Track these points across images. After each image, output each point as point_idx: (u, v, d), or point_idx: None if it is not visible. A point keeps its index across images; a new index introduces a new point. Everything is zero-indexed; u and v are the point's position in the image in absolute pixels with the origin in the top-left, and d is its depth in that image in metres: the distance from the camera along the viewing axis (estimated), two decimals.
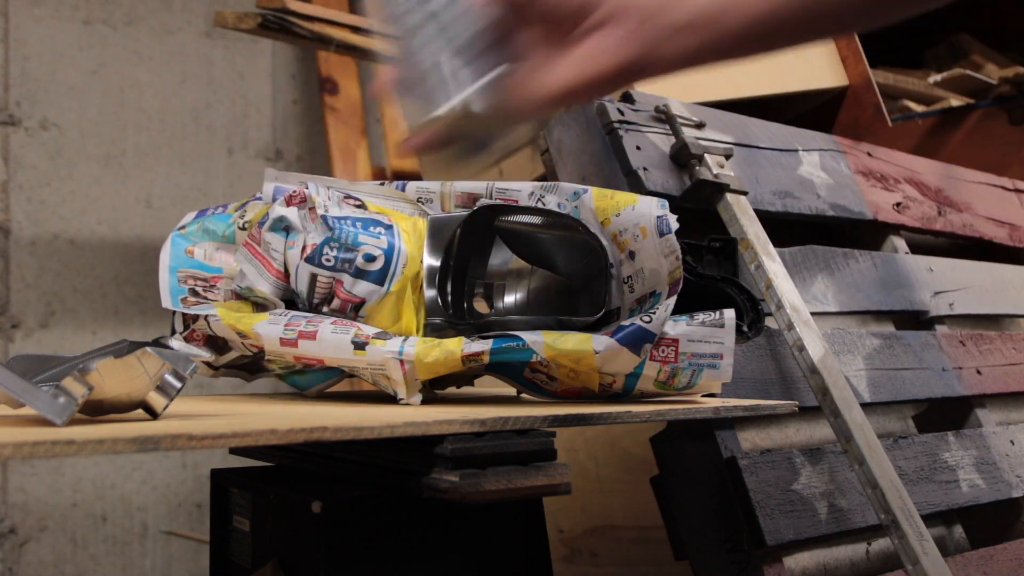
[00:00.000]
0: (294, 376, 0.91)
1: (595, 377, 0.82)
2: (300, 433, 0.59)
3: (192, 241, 0.94)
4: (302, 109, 2.44)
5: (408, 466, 0.81)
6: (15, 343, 2.04)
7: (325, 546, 0.79)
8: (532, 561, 0.88)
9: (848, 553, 1.09)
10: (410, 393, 0.81)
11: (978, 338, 1.33)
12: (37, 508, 2.04)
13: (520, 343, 0.80)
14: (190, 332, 0.91)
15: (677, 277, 0.84)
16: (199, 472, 2.21)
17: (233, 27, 1.85)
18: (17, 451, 0.49)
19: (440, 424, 0.67)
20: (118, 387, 0.62)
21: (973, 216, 1.50)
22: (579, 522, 1.31)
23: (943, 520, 1.21)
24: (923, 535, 0.97)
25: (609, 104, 1.12)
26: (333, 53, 2.03)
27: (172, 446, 0.53)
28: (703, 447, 1.01)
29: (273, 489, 0.88)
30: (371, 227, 0.86)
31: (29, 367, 0.71)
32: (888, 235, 1.36)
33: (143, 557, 2.14)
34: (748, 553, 0.97)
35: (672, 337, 0.82)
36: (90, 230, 2.14)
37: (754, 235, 1.08)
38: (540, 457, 0.82)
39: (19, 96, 2.08)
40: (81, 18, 2.15)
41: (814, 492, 1.03)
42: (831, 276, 1.20)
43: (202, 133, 2.28)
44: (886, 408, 1.24)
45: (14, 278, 2.05)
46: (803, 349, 1.02)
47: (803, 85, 1.48)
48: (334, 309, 0.86)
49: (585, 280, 0.91)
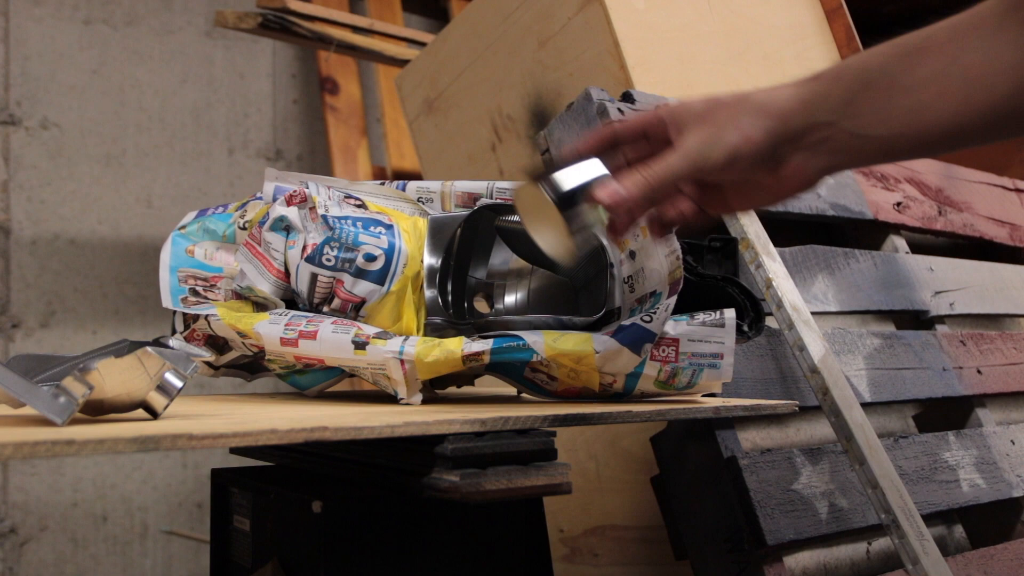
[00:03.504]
0: (294, 376, 0.91)
1: (595, 377, 0.82)
2: (300, 433, 0.59)
3: (192, 241, 0.94)
4: (302, 109, 2.44)
5: (408, 466, 0.81)
6: (15, 343, 2.04)
7: (325, 546, 0.79)
8: (532, 561, 0.88)
9: (848, 553, 1.09)
10: (410, 393, 0.81)
11: (978, 338, 1.33)
12: (37, 508, 2.04)
13: (521, 343, 0.80)
14: (190, 332, 0.91)
15: (677, 277, 0.84)
16: (199, 472, 2.21)
17: (233, 27, 1.85)
18: (17, 451, 0.49)
19: (440, 424, 0.67)
20: (118, 387, 0.62)
21: (973, 216, 1.50)
22: (579, 522, 1.31)
23: (943, 520, 1.21)
24: (923, 535, 0.97)
25: (609, 104, 1.12)
26: (333, 53, 2.03)
27: (172, 446, 0.54)
28: (703, 447, 1.01)
29: (273, 489, 0.88)
30: (371, 227, 0.86)
31: (29, 367, 0.71)
32: (888, 235, 1.36)
33: (143, 557, 2.14)
34: (748, 553, 0.97)
35: (672, 337, 0.82)
36: (90, 230, 2.14)
37: (754, 234, 1.08)
38: (540, 457, 0.82)
39: (19, 96, 2.08)
40: (81, 18, 2.15)
41: (814, 492, 1.03)
42: (831, 276, 1.20)
43: (202, 133, 2.28)
44: (886, 408, 1.24)
45: (14, 278, 2.05)
46: (803, 349, 1.02)
47: None
48: (334, 309, 0.86)
49: (586, 280, 0.91)
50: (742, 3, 1.45)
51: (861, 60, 0.68)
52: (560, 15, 1.34)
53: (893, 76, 0.65)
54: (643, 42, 1.30)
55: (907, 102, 0.65)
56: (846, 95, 0.67)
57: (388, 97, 2.37)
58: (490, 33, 1.46)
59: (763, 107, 0.70)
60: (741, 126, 0.69)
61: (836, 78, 0.68)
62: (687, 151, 0.71)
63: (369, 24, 2.04)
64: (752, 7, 1.46)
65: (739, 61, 1.41)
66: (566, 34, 1.34)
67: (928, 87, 0.64)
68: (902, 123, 0.66)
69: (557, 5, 1.34)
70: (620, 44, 1.27)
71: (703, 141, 0.70)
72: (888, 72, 0.65)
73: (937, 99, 0.64)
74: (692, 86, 1.33)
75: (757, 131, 0.69)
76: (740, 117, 0.70)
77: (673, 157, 0.71)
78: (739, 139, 0.69)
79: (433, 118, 1.60)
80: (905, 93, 0.65)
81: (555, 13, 1.35)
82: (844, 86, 0.68)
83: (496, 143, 1.48)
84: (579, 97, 1.13)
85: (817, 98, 0.69)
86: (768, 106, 0.70)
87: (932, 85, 0.64)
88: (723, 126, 0.70)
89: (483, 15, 1.47)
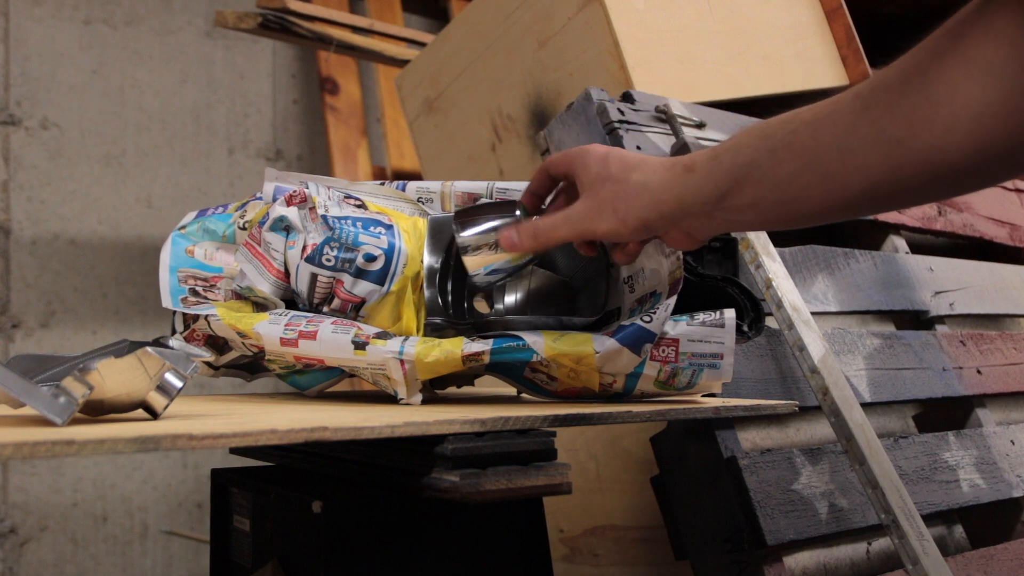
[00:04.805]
0: (294, 376, 0.91)
1: (595, 377, 0.82)
2: (300, 433, 0.59)
3: (192, 241, 0.93)
4: (302, 109, 2.44)
5: (408, 466, 0.81)
6: (15, 343, 2.04)
7: (325, 546, 0.79)
8: (532, 561, 0.88)
9: (848, 553, 1.09)
10: (410, 393, 0.81)
11: (978, 338, 1.33)
12: (37, 508, 2.04)
13: (520, 343, 0.80)
14: (190, 332, 0.91)
15: (677, 277, 0.84)
16: (199, 472, 2.21)
17: (233, 27, 1.85)
18: (17, 451, 0.49)
19: (440, 424, 0.67)
20: (118, 387, 0.62)
21: (973, 216, 1.50)
22: (579, 522, 1.31)
23: (943, 520, 1.21)
24: (923, 535, 0.97)
25: (609, 104, 1.12)
26: (333, 53, 2.03)
27: (172, 446, 0.54)
28: (703, 447, 1.01)
29: (273, 489, 0.88)
30: (371, 227, 0.86)
31: (29, 367, 0.71)
32: (888, 235, 1.36)
33: (143, 557, 2.14)
34: (748, 553, 0.97)
35: (672, 337, 0.82)
36: (90, 230, 2.14)
37: (754, 235, 1.08)
38: (540, 457, 0.82)
39: (19, 96, 2.08)
40: (81, 18, 2.15)
41: (814, 492, 1.03)
42: (831, 276, 1.20)
43: (202, 133, 2.28)
44: (886, 408, 1.24)
45: (14, 278, 2.05)
46: (803, 349, 1.02)
47: (803, 84, 1.48)
48: (334, 309, 0.86)
49: (585, 280, 0.91)
50: (742, 3, 1.45)
51: (732, 154, 0.71)
52: (560, 15, 1.34)
53: (762, 171, 0.69)
54: (643, 42, 1.30)
55: (774, 196, 0.69)
56: (718, 191, 0.72)
57: (388, 97, 2.38)
58: (490, 33, 1.46)
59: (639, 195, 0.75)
60: (618, 211, 0.76)
61: (709, 173, 0.72)
62: (574, 221, 0.79)
63: (369, 24, 2.04)
64: (752, 7, 1.46)
65: (739, 61, 1.41)
66: (566, 34, 1.34)
67: (793, 182, 0.68)
68: (772, 212, 0.71)
69: (557, 5, 1.34)
70: (620, 44, 1.27)
71: (586, 215, 0.78)
72: (757, 167, 0.69)
73: (801, 193, 0.68)
74: (692, 86, 1.33)
75: (631, 217, 0.75)
76: (617, 200, 0.76)
77: (563, 224, 0.79)
78: (616, 222, 0.76)
79: (433, 118, 1.60)
80: (772, 188, 0.69)
81: (555, 13, 1.35)
82: (716, 182, 0.72)
83: (496, 143, 1.48)
84: (579, 97, 1.13)
85: (690, 194, 0.73)
86: (643, 195, 0.75)
87: (796, 180, 0.68)
88: (603, 206, 0.77)
89: (483, 15, 1.47)
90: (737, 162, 0.71)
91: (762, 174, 0.69)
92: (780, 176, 0.68)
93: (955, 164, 0.61)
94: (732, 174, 0.71)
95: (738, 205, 0.71)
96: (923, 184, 0.63)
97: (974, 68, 0.59)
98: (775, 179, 0.69)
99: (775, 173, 0.69)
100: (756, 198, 0.70)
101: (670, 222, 0.75)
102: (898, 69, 0.63)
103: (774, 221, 0.72)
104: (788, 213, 0.70)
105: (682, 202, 0.73)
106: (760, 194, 0.70)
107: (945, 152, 0.61)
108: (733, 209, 0.72)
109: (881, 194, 0.65)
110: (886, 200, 0.67)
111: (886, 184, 0.64)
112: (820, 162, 0.66)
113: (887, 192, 0.65)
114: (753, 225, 0.74)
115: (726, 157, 0.72)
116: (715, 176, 0.72)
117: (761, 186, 0.69)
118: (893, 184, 0.64)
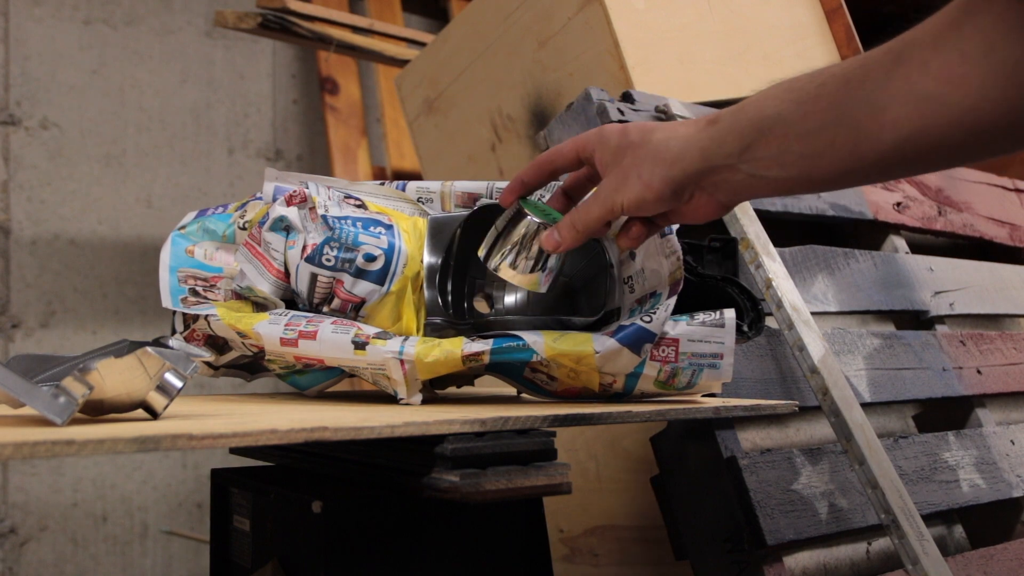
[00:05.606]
0: (294, 376, 0.91)
1: (595, 377, 0.83)
2: (300, 433, 0.59)
3: (192, 241, 0.94)
4: (302, 109, 2.44)
5: (408, 466, 0.81)
6: (15, 343, 2.04)
7: (325, 546, 0.79)
8: (532, 561, 0.88)
9: (848, 553, 1.09)
10: (410, 393, 0.81)
11: (978, 338, 1.33)
12: (37, 508, 2.04)
13: (520, 343, 0.80)
14: (190, 332, 0.91)
15: (678, 277, 0.84)
16: (199, 472, 2.21)
17: (233, 27, 1.85)
18: (17, 451, 0.49)
19: (440, 424, 0.67)
20: (118, 387, 0.62)
21: (973, 216, 1.50)
22: (579, 522, 1.31)
23: (943, 520, 1.21)
24: (923, 535, 0.97)
25: (609, 104, 1.12)
26: (333, 53, 2.03)
27: (172, 446, 0.54)
28: (703, 447, 1.01)
29: (273, 489, 0.88)
30: (371, 227, 0.86)
31: (29, 367, 0.71)
32: (888, 235, 1.36)
33: (143, 557, 2.14)
34: (748, 553, 0.97)
35: (672, 337, 0.82)
36: (90, 230, 2.14)
37: (754, 235, 1.08)
38: (540, 457, 0.82)
39: (19, 96, 2.08)
40: (81, 18, 2.15)
41: (814, 492, 1.03)
42: (831, 276, 1.20)
43: (202, 133, 2.28)
44: (886, 408, 1.24)
45: (14, 278, 2.05)
46: (803, 349, 1.02)
47: None
48: (334, 309, 0.86)
49: (585, 280, 0.91)
50: (742, 3, 1.45)
51: (758, 106, 0.70)
52: (560, 15, 1.34)
53: (788, 123, 0.68)
54: (643, 42, 1.30)
55: (800, 148, 0.68)
56: (742, 142, 0.70)
57: (388, 97, 2.38)
58: (490, 33, 1.46)
59: (661, 153, 0.74)
60: (642, 174, 0.74)
61: (732, 124, 0.71)
62: (603, 198, 0.77)
63: (369, 24, 2.04)
64: (752, 7, 1.46)
65: (739, 61, 1.41)
66: (566, 34, 1.34)
67: (820, 135, 0.67)
68: (797, 167, 0.69)
69: (557, 5, 1.34)
70: (620, 44, 1.27)
71: (613, 188, 0.76)
72: (783, 119, 0.68)
73: (828, 147, 0.67)
74: (692, 86, 1.33)
75: (656, 179, 0.74)
76: (642, 165, 0.75)
77: (593, 204, 0.78)
78: (641, 187, 0.74)
79: (433, 118, 1.60)
80: (798, 140, 0.68)
81: (555, 13, 1.35)
82: (740, 133, 0.71)
83: (496, 143, 1.48)
84: (579, 97, 1.13)
85: (714, 145, 0.72)
86: (666, 153, 0.74)
87: (824, 134, 0.67)
88: (628, 173, 0.75)
89: (483, 15, 1.47)
90: (763, 114, 0.69)
91: (788, 126, 0.68)
92: (807, 128, 0.67)
93: (989, 124, 0.60)
94: (757, 125, 0.69)
95: (763, 157, 0.70)
96: (955, 144, 0.62)
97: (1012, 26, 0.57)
98: (802, 131, 0.67)
99: (802, 125, 0.67)
100: (782, 150, 0.69)
101: (695, 180, 0.73)
102: (932, 23, 0.62)
103: (798, 179, 0.70)
104: (813, 169, 0.68)
105: (706, 155, 0.72)
106: (786, 146, 0.68)
107: (978, 111, 0.59)
108: (758, 161, 0.70)
109: (909, 152, 0.64)
110: (914, 159, 0.65)
111: (916, 140, 0.63)
112: (849, 116, 0.65)
113: (916, 149, 0.63)
114: (778, 184, 0.72)
115: (751, 109, 0.70)
116: (739, 126, 0.71)
117: (787, 138, 0.68)
118: (923, 141, 0.62)
